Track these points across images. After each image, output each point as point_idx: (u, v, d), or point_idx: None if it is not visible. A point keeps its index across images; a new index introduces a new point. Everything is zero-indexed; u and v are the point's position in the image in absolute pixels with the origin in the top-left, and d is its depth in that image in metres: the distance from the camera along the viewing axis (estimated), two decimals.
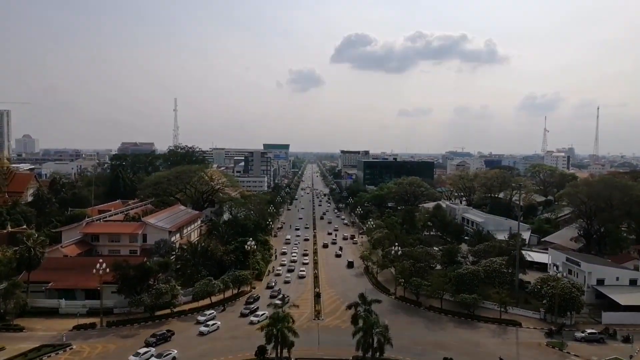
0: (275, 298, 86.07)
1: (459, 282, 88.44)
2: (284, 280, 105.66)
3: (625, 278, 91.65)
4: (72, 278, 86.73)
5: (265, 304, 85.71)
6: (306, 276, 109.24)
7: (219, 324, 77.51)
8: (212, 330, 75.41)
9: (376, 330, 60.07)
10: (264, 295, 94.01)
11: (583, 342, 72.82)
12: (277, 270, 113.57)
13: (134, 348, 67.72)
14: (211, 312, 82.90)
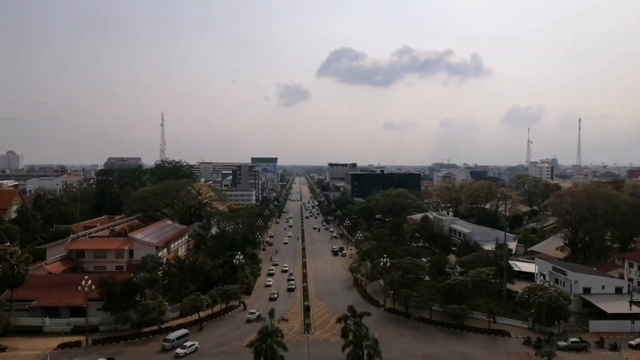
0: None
1: (447, 292, 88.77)
2: (270, 297, 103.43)
3: (610, 286, 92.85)
4: (57, 295, 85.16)
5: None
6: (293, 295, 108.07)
7: (197, 344, 73.98)
8: (190, 352, 71.83)
9: (366, 344, 59.88)
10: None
11: (566, 351, 73.32)
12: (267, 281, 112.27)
13: None
14: (183, 333, 77.72)
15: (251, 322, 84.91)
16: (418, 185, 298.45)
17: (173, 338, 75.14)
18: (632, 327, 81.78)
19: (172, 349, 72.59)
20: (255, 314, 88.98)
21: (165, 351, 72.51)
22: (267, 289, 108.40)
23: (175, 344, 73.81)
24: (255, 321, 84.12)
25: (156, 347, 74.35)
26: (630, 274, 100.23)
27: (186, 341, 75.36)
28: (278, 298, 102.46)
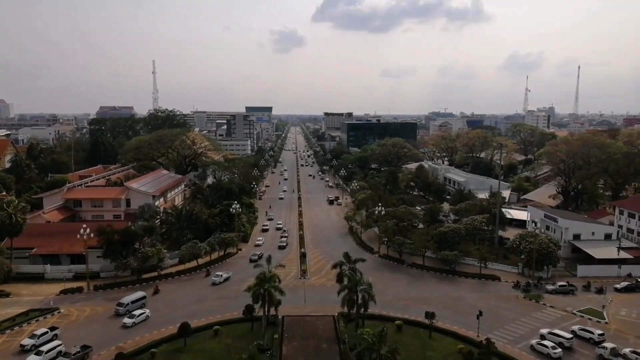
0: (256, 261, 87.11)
1: (440, 239, 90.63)
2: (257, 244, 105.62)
3: (600, 233, 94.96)
4: (56, 243, 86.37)
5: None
6: (287, 245, 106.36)
7: (147, 312, 66.96)
8: (139, 322, 64.92)
9: (360, 288, 61.68)
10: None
11: (554, 294, 75.96)
12: (257, 241, 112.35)
13: None
14: (139, 296, 70.75)
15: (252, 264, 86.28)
16: (414, 135, 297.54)
17: (127, 302, 68.70)
18: (618, 271, 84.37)
19: (125, 314, 66.23)
20: (257, 255, 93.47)
21: (118, 316, 66.36)
22: (261, 239, 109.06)
23: (130, 308, 67.84)
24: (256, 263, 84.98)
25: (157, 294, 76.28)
26: (620, 221, 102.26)
27: (142, 305, 69.54)
28: (273, 246, 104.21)
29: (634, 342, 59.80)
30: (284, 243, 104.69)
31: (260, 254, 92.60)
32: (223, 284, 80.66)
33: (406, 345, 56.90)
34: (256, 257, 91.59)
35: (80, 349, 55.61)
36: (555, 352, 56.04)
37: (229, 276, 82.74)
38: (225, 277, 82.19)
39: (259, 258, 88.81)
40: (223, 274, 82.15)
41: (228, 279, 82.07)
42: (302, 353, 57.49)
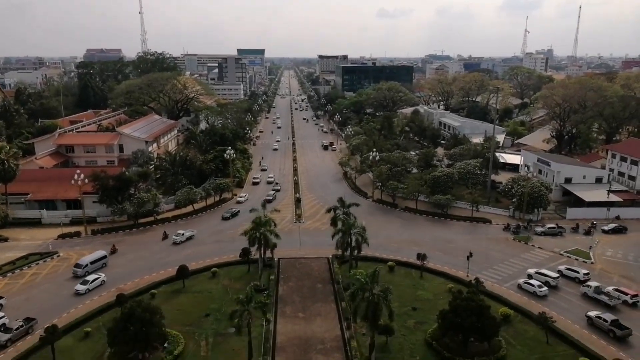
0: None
1: (434, 184, 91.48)
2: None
3: (591, 176, 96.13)
4: (51, 189, 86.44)
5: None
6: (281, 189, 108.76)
7: (103, 276, 61.47)
8: (93, 288, 59.43)
9: (354, 231, 62.85)
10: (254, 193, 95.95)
11: (542, 236, 77.89)
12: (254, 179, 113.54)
13: (120, 255, 69.83)
14: (99, 256, 65.81)
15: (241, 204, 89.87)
16: (410, 78, 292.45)
17: (85, 263, 63.61)
18: (607, 214, 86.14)
19: (83, 276, 61.52)
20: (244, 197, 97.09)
21: (76, 278, 61.53)
22: (244, 195, 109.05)
23: (89, 269, 63.22)
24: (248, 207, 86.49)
25: (153, 237, 77.44)
26: (612, 165, 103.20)
27: (103, 265, 65.44)
28: (268, 191, 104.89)
29: (617, 281, 62.13)
30: (270, 197, 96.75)
31: (235, 211, 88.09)
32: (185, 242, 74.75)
33: (398, 285, 58.84)
34: (229, 214, 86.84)
35: (23, 322, 50.10)
36: (541, 291, 58.24)
37: (193, 234, 76.75)
38: (188, 235, 75.99)
39: (232, 216, 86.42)
40: (185, 232, 75.94)
41: (191, 237, 76.17)
42: (297, 293, 59.41)
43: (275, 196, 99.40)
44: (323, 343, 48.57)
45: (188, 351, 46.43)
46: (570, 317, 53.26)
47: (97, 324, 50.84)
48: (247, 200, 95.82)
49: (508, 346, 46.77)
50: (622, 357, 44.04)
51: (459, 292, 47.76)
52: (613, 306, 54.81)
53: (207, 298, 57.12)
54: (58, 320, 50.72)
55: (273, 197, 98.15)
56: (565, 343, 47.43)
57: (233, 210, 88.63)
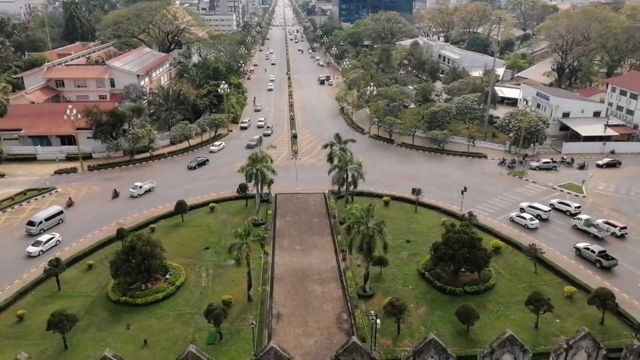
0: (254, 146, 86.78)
1: (431, 119, 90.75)
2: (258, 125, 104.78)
3: (589, 110, 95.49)
4: (44, 125, 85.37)
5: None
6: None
7: (58, 236, 55.53)
8: (47, 250, 53.80)
9: (350, 167, 63.09)
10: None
11: (537, 170, 78.61)
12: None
13: (118, 189, 70.22)
14: (55, 211, 59.76)
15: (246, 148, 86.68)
16: (410, 8, 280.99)
17: (39, 220, 57.52)
18: (602, 148, 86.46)
19: (38, 234, 56.26)
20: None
21: (30, 237, 56.38)
22: (256, 116, 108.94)
23: (44, 226, 57.59)
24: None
25: (151, 173, 77.64)
26: (611, 99, 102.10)
27: (60, 222, 59.50)
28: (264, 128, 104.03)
29: (607, 214, 63.55)
30: (253, 142, 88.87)
31: (203, 160, 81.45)
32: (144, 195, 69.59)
33: (392, 218, 60.05)
34: (194, 163, 79.67)
35: None
36: (533, 223, 59.67)
37: (152, 187, 70.97)
38: (147, 187, 70.17)
39: (199, 165, 79.68)
40: (144, 185, 69.86)
41: (151, 190, 70.49)
42: (294, 227, 60.69)
43: (260, 141, 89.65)
44: (319, 274, 50.30)
45: (189, 282, 48.09)
46: (559, 248, 54.97)
47: (100, 257, 52.21)
48: (223, 149, 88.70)
49: (497, 276, 48.61)
50: (607, 285, 45.94)
51: (452, 225, 48.85)
52: (602, 238, 56.43)
53: (206, 232, 58.32)
54: (61, 254, 51.98)
55: (257, 143, 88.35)
56: (553, 273, 49.29)
57: (200, 159, 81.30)
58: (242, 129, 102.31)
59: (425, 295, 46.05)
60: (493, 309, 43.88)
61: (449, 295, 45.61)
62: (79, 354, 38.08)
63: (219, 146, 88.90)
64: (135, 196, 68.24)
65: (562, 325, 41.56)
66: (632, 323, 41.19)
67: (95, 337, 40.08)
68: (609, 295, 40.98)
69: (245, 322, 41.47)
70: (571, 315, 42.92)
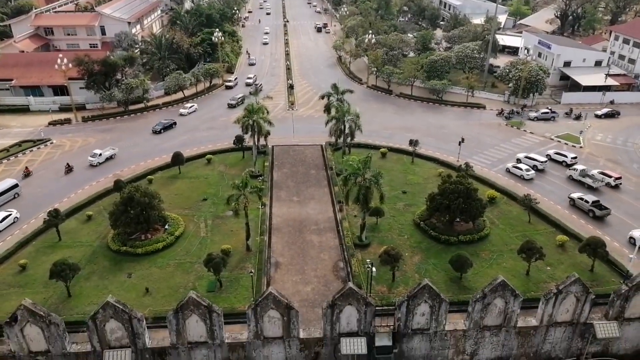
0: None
1: (430, 68, 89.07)
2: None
3: (591, 59, 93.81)
4: (35, 74, 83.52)
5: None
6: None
7: (15, 213, 50.60)
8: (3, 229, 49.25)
9: (348, 118, 62.45)
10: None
11: (535, 121, 78.15)
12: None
13: (114, 141, 69.82)
14: (9, 185, 54.23)
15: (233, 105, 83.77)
16: None
17: None
18: (602, 98, 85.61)
19: None
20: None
21: None
22: (247, 72, 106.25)
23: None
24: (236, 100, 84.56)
25: (146, 124, 76.82)
26: (614, 47, 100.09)
27: (15, 196, 54.41)
28: (260, 77, 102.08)
29: (603, 164, 63.85)
30: (234, 102, 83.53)
31: (169, 123, 74.65)
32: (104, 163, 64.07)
33: (389, 170, 60.23)
34: (159, 127, 73.27)
35: None
36: (528, 174, 60.01)
37: (114, 153, 65.22)
38: (108, 155, 64.41)
39: (164, 129, 73.15)
40: (104, 152, 64.12)
41: (112, 157, 64.86)
42: (292, 178, 60.90)
43: (242, 101, 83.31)
44: (317, 224, 51.00)
45: (188, 232, 48.74)
46: (553, 199, 55.57)
47: (99, 208, 52.58)
48: (196, 111, 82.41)
49: (492, 225, 49.40)
50: (598, 234, 46.83)
51: (449, 176, 49.08)
52: (596, 188, 56.97)
53: (203, 183, 58.50)
54: (60, 205, 52.31)
55: (238, 102, 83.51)
56: (546, 222, 50.10)
57: (166, 122, 74.88)
58: (227, 88, 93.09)
59: (420, 244, 46.94)
60: (486, 258, 44.89)
61: (444, 245, 46.50)
62: (83, 301, 39.14)
63: (189, 108, 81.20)
64: (95, 165, 62.30)
65: (552, 272, 42.69)
66: (621, 270, 42.36)
67: (98, 286, 41.07)
68: (600, 243, 41.86)
69: (244, 271, 42.43)
70: (562, 263, 44.01)
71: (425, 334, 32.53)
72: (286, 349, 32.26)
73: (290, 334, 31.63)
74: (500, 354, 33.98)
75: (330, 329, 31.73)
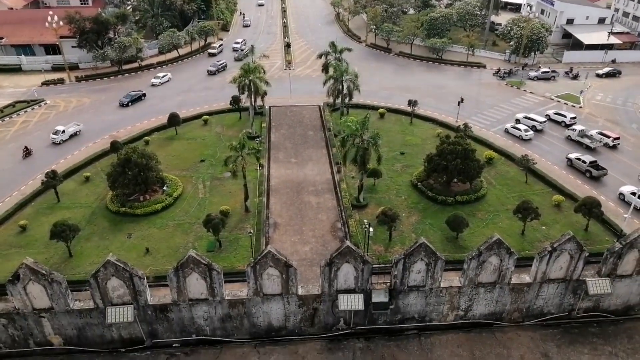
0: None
1: (430, 26, 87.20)
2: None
3: (594, 17, 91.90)
4: (26, 33, 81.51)
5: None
6: None
7: None
8: None
9: (346, 78, 61.50)
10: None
11: (535, 80, 77.20)
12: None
13: (109, 102, 68.92)
14: None
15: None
16: None
17: None
18: (604, 57, 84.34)
19: None
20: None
21: None
22: (239, 35, 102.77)
23: None
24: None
25: (139, 84, 75.58)
26: (618, 4, 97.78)
27: None
28: (256, 35, 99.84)
29: (602, 124, 63.60)
30: (214, 69, 79.31)
31: (137, 95, 69.52)
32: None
33: (387, 131, 59.90)
34: (127, 100, 68.02)
35: None
36: (527, 135, 59.81)
37: (79, 129, 60.35)
38: (72, 131, 59.16)
39: (132, 102, 68.34)
40: (68, 128, 59.22)
41: (77, 133, 59.93)
42: (289, 139, 60.60)
43: (223, 67, 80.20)
44: (314, 185, 51.16)
45: (187, 193, 48.88)
46: (551, 159, 55.63)
47: (96, 169, 52.49)
48: (170, 81, 76.52)
49: (489, 186, 49.65)
50: (594, 194, 47.20)
51: (447, 137, 48.87)
52: (594, 149, 56.97)
53: (200, 145, 58.20)
54: (57, 166, 52.17)
55: (219, 69, 79.61)
56: (543, 183, 50.32)
57: (134, 94, 69.82)
58: (210, 55, 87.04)
59: (417, 205, 47.27)
60: (482, 218, 45.35)
61: (441, 205, 46.84)
62: (84, 261, 39.68)
63: (162, 78, 75.11)
64: (58, 142, 57.98)
65: (547, 232, 43.25)
66: (615, 230, 42.95)
67: (99, 246, 41.52)
68: (596, 203, 42.22)
69: (243, 232, 42.86)
70: (557, 223, 44.53)
71: (421, 290, 33.24)
72: (285, 305, 33.00)
73: (289, 291, 32.27)
74: (494, 309, 34.87)
75: (328, 286, 32.37)
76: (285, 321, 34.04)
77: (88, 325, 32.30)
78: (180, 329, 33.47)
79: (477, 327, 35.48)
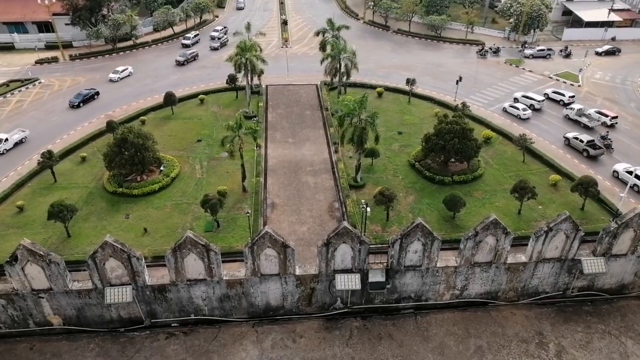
0: None
1: (429, 3, 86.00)
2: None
3: None
4: (17, 10, 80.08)
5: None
6: None
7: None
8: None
9: (344, 56, 60.73)
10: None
11: (531, 58, 76.41)
12: None
13: (103, 81, 68.11)
14: None
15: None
16: None
17: None
18: (604, 34, 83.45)
19: None
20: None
21: None
22: (232, 21, 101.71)
23: None
24: None
25: (135, 62, 74.61)
26: None
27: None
28: (252, 12, 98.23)
29: (600, 103, 63.32)
30: (182, 59, 74.08)
31: (89, 93, 63.47)
32: None
33: (385, 110, 59.55)
34: (77, 100, 61.90)
35: None
36: (525, 114, 59.55)
37: (25, 136, 54.46)
38: (17, 139, 53.40)
39: (83, 102, 62.11)
40: (11, 136, 53.02)
41: (23, 140, 54.12)
42: (286, 119, 60.22)
43: (193, 57, 75.75)
44: (312, 165, 51.06)
45: (184, 174, 48.75)
46: (549, 138, 55.53)
47: (92, 149, 52.20)
48: (130, 75, 70.62)
49: (486, 165, 49.65)
50: (591, 174, 47.27)
51: (445, 116, 48.60)
52: (592, 128, 56.84)
53: (197, 124, 57.81)
54: (53, 146, 51.83)
55: (188, 59, 74.95)
56: (541, 162, 50.34)
57: (86, 93, 63.28)
58: (183, 46, 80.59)
59: (415, 184, 47.31)
60: (479, 197, 45.48)
61: (438, 185, 46.89)
62: (82, 241, 39.79)
63: (121, 72, 68.79)
64: (2, 152, 52.17)
65: (544, 211, 43.47)
66: (611, 209, 43.17)
67: (97, 226, 41.57)
68: (592, 182, 42.31)
69: (241, 212, 42.93)
70: (553, 202, 44.71)
71: (418, 270, 33.52)
72: (283, 285, 33.29)
73: (287, 271, 32.50)
74: (489, 288, 35.26)
75: (325, 266, 32.60)
76: (283, 301, 34.39)
77: (87, 306, 32.55)
78: (178, 309, 33.78)
79: (472, 306, 35.91)
